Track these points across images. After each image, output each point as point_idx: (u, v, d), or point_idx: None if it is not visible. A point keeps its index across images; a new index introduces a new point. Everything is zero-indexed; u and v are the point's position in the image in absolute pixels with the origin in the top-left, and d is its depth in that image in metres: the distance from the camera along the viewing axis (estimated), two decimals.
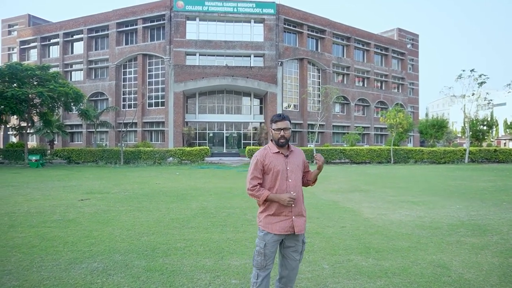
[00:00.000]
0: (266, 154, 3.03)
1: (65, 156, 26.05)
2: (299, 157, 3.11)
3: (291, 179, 2.97)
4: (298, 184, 3.01)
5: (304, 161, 3.16)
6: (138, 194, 10.80)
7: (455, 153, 28.77)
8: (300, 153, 3.15)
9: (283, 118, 3.01)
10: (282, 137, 2.97)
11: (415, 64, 57.25)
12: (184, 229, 6.34)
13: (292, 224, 2.93)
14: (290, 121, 3.05)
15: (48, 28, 46.79)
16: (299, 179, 3.03)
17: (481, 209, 8.38)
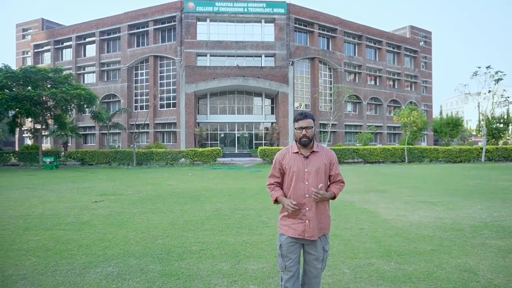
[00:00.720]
0: (286, 153, 2.96)
1: (79, 157, 26.27)
2: (322, 159, 2.89)
3: (308, 181, 2.82)
4: (316, 187, 2.78)
5: (329, 164, 2.91)
6: (151, 195, 10.76)
7: (471, 152, 28.20)
8: (325, 154, 2.93)
9: (304, 116, 2.86)
10: (304, 136, 2.83)
11: (428, 62, 56.43)
12: (199, 231, 6.23)
13: (305, 228, 2.81)
14: (313, 119, 2.92)
15: (61, 31, 47.37)
16: (320, 182, 2.82)
17: (503, 209, 8.11)
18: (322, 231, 2.87)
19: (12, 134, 30.79)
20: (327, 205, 2.93)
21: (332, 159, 2.93)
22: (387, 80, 50.26)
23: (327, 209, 2.94)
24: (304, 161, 2.86)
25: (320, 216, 2.85)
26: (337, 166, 2.97)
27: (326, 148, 2.99)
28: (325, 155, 2.92)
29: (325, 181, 2.91)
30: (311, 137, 2.85)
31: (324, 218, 2.88)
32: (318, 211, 2.83)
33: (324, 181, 2.88)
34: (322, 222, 2.86)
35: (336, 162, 2.97)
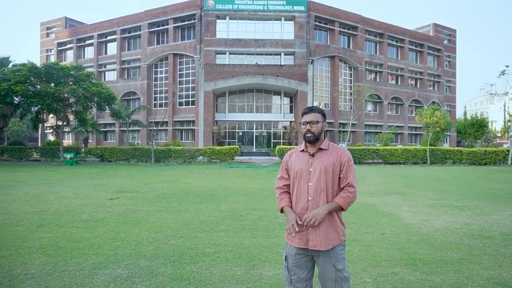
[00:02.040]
0: (293, 152, 2.72)
1: (98, 154, 26.56)
2: (330, 157, 2.53)
3: (311, 182, 2.50)
4: (321, 190, 2.48)
5: (338, 163, 2.52)
6: (167, 193, 10.64)
7: (497, 154, 27.19)
8: (335, 153, 2.55)
9: (310, 110, 2.59)
10: (309, 131, 2.54)
11: (452, 61, 54.94)
12: (213, 232, 6.04)
13: (308, 237, 2.47)
14: (322, 113, 2.60)
15: (83, 29, 48.17)
16: (325, 184, 2.48)
17: None
18: (331, 242, 2.46)
19: (36, 130, 31.39)
20: (336, 213, 2.52)
21: (342, 158, 2.53)
22: (409, 79, 49.19)
23: (335, 216, 2.52)
24: (309, 159, 2.57)
25: (327, 224, 2.47)
26: (349, 168, 2.52)
27: (339, 146, 2.63)
28: (335, 153, 2.55)
29: (333, 185, 2.52)
30: (316, 133, 2.54)
31: (332, 226, 2.49)
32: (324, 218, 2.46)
33: (331, 184, 2.50)
34: (330, 231, 2.47)
35: (348, 163, 2.52)
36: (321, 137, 2.59)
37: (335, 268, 2.45)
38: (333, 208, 2.45)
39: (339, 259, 2.48)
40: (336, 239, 2.48)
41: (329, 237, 2.46)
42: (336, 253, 2.48)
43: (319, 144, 2.59)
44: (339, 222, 2.53)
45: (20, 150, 27.45)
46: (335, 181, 2.52)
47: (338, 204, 2.45)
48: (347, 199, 2.45)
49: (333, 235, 2.47)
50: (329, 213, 2.46)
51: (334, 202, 2.46)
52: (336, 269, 2.45)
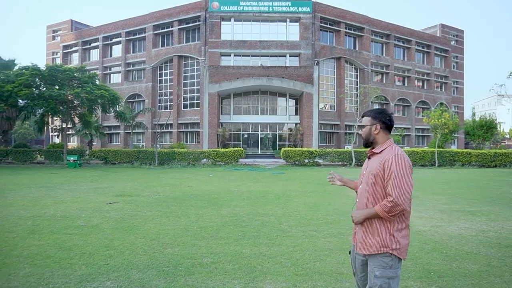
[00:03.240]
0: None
1: (102, 156, 26.36)
2: (376, 162, 2.49)
3: (362, 184, 2.59)
4: (364, 194, 2.51)
5: (381, 169, 2.42)
6: (168, 197, 10.34)
7: (507, 156, 26.59)
8: (381, 157, 2.47)
9: (362, 115, 2.69)
10: (360, 135, 2.68)
11: (459, 62, 54.28)
12: (213, 240, 5.70)
13: (355, 235, 2.61)
14: (372, 116, 2.60)
15: (88, 32, 48.22)
16: (368, 189, 2.48)
17: None
18: (367, 248, 2.43)
19: (41, 133, 31.31)
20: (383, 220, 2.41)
21: (385, 164, 2.40)
22: (416, 81, 48.59)
23: (380, 225, 2.41)
24: (366, 162, 2.66)
25: (365, 228, 2.48)
26: (391, 174, 2.36)
27: (392, 150, 2.47)
28: (380, 159, 2.47)
29: (376, 190, 2.45)
30: (364, 136, 2.61)
31: (370, 233, 2.44)
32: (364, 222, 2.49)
33: (373, 189, 2.46)
34: (365, 235, 2.46)
35: (391, 170, 2.36)
36: (375, 140, 2.58)
37: (374, 273, 2.41)
38: (370, 214, 2.42)
39: (379, 266, 2.39)
40: (372, 246, 2.43)
41: (366, 242, 2.46)
42: (377, 260, 2.41)
43: (374, 148, 2.59)
44: (383, 231, 2.42)
45: (24, 153, 27.34)
46: (379, 186, 2.45)
47: (375, 212, 2.40)
48: (385, 208, 2.34)
49: (370, 241, 2.44)
50: (375, 220, 2.43)
51: (373, 208, 2.43)
52: (374, 274, 2.40)
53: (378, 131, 2.55)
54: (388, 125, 2.59)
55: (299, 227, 6.60)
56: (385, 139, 2.56)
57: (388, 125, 2.59)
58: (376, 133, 2.55)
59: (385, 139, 2.56)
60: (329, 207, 8.83)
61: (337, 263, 4.60)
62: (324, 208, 8.68)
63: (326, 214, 7.85)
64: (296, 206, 8.90)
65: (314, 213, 7.96)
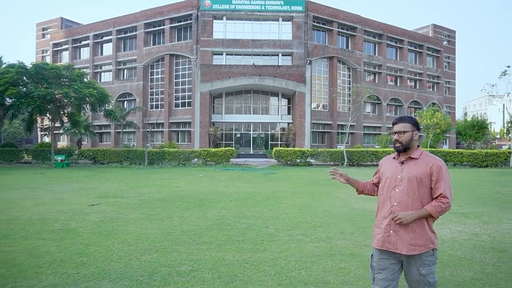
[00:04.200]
0: (387, 159, 2.85)
1: (91, 156, 25.90)
2: (420, 167, 2.59)
3: (398, 189, 2.61)
4: (407, 197, 2.57)
5: (428, 173, 2.56)
6: (153, 198, 10.02)
7: (498, 156, 26.60)
8: (425, 162, 2.60)
9: (399, 120, 2.71)
10: (397, 141, 2.67)
11: (451, 62, 54.45)
12: (194, 245, 5.41)
13: (388, 239, 2.59)
14: (412, 123, 2.68)
15: (79, 30, 47.59)
16: (412, 192, 2.57)
17: None
18: (414, 248, 2.52)
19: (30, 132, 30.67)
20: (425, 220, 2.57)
21: (432, 169, 2.56)
22: (408, 81, 48.62)
23: (424, 224, 2.56)
24: (399, 167, 2.68)
25: (410, 229, 2.55)
26: (441, 178, 2.54)
27: (431, 156, 2.65)
28: (425, 163, 2.59)
29: (422, 193, 2.57)
30: (404, 142, 2.64)
31: (417, 232, 2.54)
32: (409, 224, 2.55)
33: (418, 192, 2.57)
34: (413, 237, 2.54)
35: (439, 173, 2.54)
36: (411, 146, 2.66)
37: (419, 272, 2.53)
38: (423, 215, 2.52)
39: (424, 265, 2.53)
40: (422, 246, 2.54)
41: (414, 243, 2.53)
42: (421, 259, 2.54)
43: (410, 153, 2.66)
44: (428, 230, 2.57)
45: (11, 152, 26.78)
46: (423, 190, 2.57)
47: (428, 212, 2.52)
48: (439, 208, 2.50)
49: (419, 242, 2.53)
50: (419, 220, 2.54)
51: (424, 209, 2.53)
52: (420, 273, 2.52)
53: (417, 138, 2.69)
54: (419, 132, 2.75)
55: (286, 231, 6.33)
56: (417, 146, 2.72)
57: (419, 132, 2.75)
58: (415, 140, 2.68)
59: (417, 145, 2.71)
60: (319, 208, 8.58)
61: (323, 271, 4.34)
62: (313, 210, 8.43)
63: (315, 217, 7.59)
64: (285, 208, 8.64)
65: (302, 216, 7.70)
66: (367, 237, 5.91)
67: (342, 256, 4.89)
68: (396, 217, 2.53)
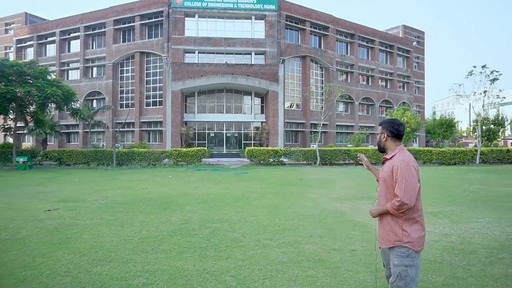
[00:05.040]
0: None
1: (56, 157, 24.81)
2: (387, 168, 2.81)
3: (379, 187, 2.92)
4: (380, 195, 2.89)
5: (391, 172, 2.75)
6: (116, 202, 9.51)
7: (465, 154, 27.30)
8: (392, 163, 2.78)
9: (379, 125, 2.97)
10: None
11: (421, 62, 55.74)
12: (153, 253, 5.03)
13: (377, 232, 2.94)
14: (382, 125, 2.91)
15: (44, 26, 45.68)
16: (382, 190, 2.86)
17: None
18: (385, 242, 2.81)
19: None
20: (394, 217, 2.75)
21: (393, 168, 2.74)
22: (380, 80, 49.37)
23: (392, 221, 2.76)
24: (382, 166, 2.95)
25: (383, 226, 2.84)
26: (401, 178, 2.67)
27: (400, 156, 2.77)
28: (390, 164, 2.79)
29: (390, 191, 2.79)
30: (378, 143, 2.95)
31: (387, 229, 2.80)
32: (380, 220, 2.88)
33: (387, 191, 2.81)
34: (384, 233, 2.82)
35: (397, 174, 2.69)
36: (385, 147, 2.90)
37: (392, 263, 2.75)
38: (383, 211, 2.78)
39: (397, 256, 2.73)
40: (390, 241, 2.76)
41: (385, 238, 2.81)
42: (396, 251, 2.74)
43: (386, 154, 2.91)
44: (396, 227, 2.74)
45: None
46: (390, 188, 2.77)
47: (387, 209, 2.75)
48: (394, 206, 2.68)
49: (388, 238, 2.78)
50: (387, 217, 2.79)
51: (384, 206, 2.78)
52: (393, 264, 2.73)
53: (386, 139, 2.87)
54: (395, 134, 2.86)
55: (253, 235, 6.04)
56: (394, 145, 2.85)
57: (394, 134, 2.86)
58: (384, 141, 2.88)
59: (394, 145, 2.85)
60: (289, 210, 8.34)
61: (288, 280, 4.07)
62: (283, 211, 8.18)
63: (284, 219, 7.34)
64: (254, 210, 8.35)
65: (271, 218, 7.44)
66: (336, 241, 5.70)
67: (309, 263, 4.63)
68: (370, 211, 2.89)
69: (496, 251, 5.13)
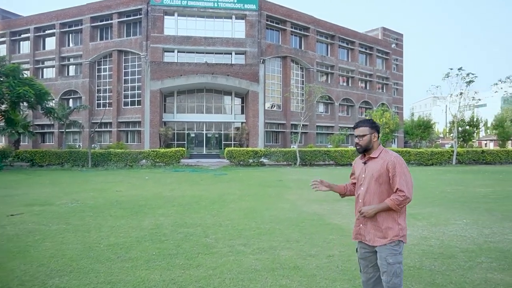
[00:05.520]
0: (357, 160, 3.08)
1: (28, 158, 23.91)
2: (377, 165, 2.82)
3: (363, 187, 2.90)
4: (370, 194, 2.84)
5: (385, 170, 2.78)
6: (87, 206, 9.09)
7: (442, 155, 27.73)
8: (382, 161, 2.81)
9: (357, 125, 2.95)
10: (357, 144, 2.93)
11: (399, 64, 56.56)
12: (118, 262, 4.70)
13: (359, 231, 2.92)
14: (370, 126, 2.90)
15: (18, 22, 44.22)
16: (372, 189, 2.83)
17: (492, 224, 7.00)
18: (378, 240, 2.78)
19: None
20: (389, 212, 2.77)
21: (388, 165, 2.77)
22: (359, 82, 49.79)
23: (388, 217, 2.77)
24: (363, 167, 2.94)
25: (377, 224, 2.80)
26: (399, 173, 2.73)
27: (389, 153, 2.85)
28: (381, 161, 2.81)
29: (382, 189, 2.81)
30: (363, 145, 2.89)
31: (384, 226, 2.77)
32: (373, 219, 2.81)
33: (379, 189, 2.81)
34: (378, 229, 2.80)
35: (396, 169, 2.74)
36: (371, 147, 2.89)
37: (386, 261, 2.71)
38: (382, 208, 2.74)
39: (391, 254, 2.72)
40: (384, 238, 2.75)
41: (378, 235, 2.78)
42: (388, 250, 2.73)
43: (370, 153, 2.90)
44: (393, 222, 2.76)
45: None
46: (383, 187, 2.79)
47: (387, 205, 2.72)
48: (396, 201, 2.68)
49: (385, 234, 2.76)
50: (382, 214, 2.77)
51: (384, 202, 2.74)
52: (387, 262, 2.71)
53: (376, 139, 2.89)
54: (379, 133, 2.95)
55: (227, 240, 5.77)
56: (378, 145, 2.92)
57: (379, 134, 2.95)
58: (374, 141, 2.89)
59: (377, 145, 2.92)
60: (266, 213, 8.10)
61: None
62: (260, 214, 7.93)
63: (260, 223, 7.09)
64: (229, 213, 8.07)
65: (247, 222, 7.18)
66: (313, 246, 5.49)
67: (284, 270, 4.40)
68: (361, 211, 2.79)
69: (474, 255, 5.01)
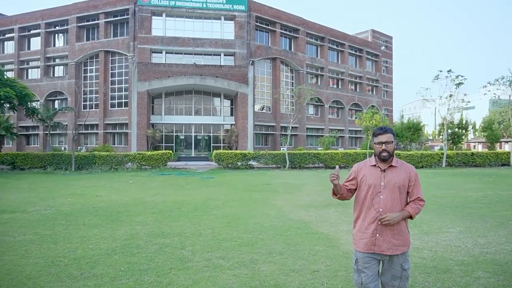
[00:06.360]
0: (363, 166, 2.94)
1: (9, 161, 23.16)
2: (401, 174, 2.79)
3: (383, 195, 2.77)
4: (391, 203, 2.74)
5: (407, 180, 2.79)
6: (61, 212, 8.56)
7: (432, 157, 27.60)
8: (404, 170, 2.81)
9: (385, 131, 2.81)
10: (384, 150, 2.78)
11: (389, 66, 56.68)
12: (80, 280, 4.23)
13: (376, 242, 2.75)
14: (394, 133, 2.81)
15: (2, 22, 43.22)
16: (395, 197, 2.75)
17: (487, 232, 6.67)
18: (399, 248, 2.75)
19: None
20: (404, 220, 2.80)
21: (411, 175, 2.82)
22: (349, 84, 49.74)
23: (404, 225, 2.79)
24: (381, 174, 2.82)
25: (394, 231, 2.75)
26: (418, 183, 2.83)
27: (406, 164, 2.87)
28: (404, 171, 2.82)
29: (402, 198, 2.79)
30: (391, 152, 2.79)
31: (400, 234, 2.76)
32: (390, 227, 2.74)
33: (400, 197, 2.77)
34: (397, 238, 2.75)
35: (416, 180, 2.83)
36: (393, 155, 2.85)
37: (402, 267, 2.77)
38: (405, 216, 2.75)
39: (406, 260, 2.79)
40: (404, 246, 2.77)
41: (398, 244, 2.74)
42: (404, 256, 2.79)
43: (391, 162, 2.83)
44: (407, 230, 2.82)
45: None
46: (403, 195, 2.81)
47: (409, 213, 2.75)
48: (417, 210, 2.78)
49: (401, 243, 2.75)
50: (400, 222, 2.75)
51: (406, 210, 2.76)
52: (403, 268, 2.77)
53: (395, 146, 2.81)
54: None
55: (205, 253, 5.32)
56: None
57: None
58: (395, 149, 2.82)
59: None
60: (250, 221, 7.67)
61: None
62: (243, 222, 7.51)
63: (243, 231, 6.67)
64: (211, 221, 7.63)
65: (229, 231, 6.75)
66: (297, 258, 5.07)
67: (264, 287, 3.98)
68: (385, 218, 2.65)
69: (471, 269, 4.65)
